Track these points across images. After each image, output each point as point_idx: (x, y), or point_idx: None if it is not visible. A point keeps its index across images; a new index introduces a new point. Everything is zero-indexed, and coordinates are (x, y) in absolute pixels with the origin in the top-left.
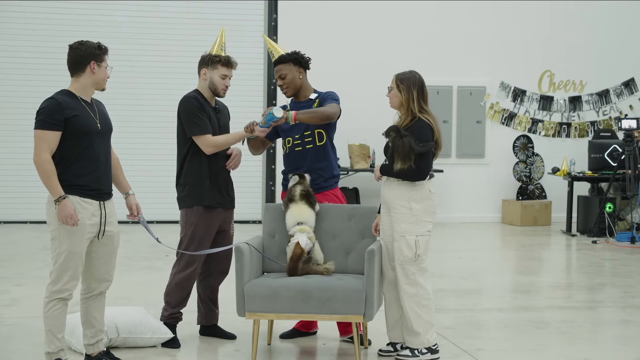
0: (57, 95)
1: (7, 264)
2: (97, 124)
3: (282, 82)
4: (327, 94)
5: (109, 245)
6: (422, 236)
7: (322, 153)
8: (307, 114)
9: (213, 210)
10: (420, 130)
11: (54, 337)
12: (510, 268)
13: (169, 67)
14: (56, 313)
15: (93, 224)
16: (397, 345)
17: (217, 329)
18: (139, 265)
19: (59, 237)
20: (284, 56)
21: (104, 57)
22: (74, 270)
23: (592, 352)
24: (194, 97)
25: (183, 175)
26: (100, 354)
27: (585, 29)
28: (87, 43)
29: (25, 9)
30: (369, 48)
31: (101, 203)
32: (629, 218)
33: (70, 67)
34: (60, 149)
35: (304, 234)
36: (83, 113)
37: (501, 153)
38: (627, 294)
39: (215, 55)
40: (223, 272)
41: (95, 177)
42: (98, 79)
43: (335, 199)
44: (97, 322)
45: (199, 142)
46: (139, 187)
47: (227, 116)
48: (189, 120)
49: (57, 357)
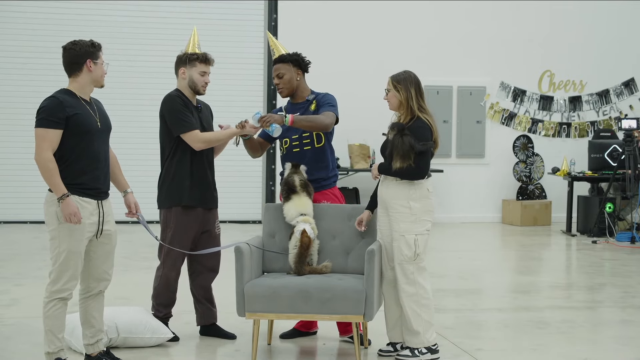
0: (58, 94)
1: (7, 264)
2: (98, 122)
3: (279, 81)
4: (325, 98)
5: (107, 244)
6: (422, 235)
7: (321, 154)
8: (304, 121)
9: (193, 210)
10: (419, 129)
11: (54, 337)
12: (510, 268)
13: (168, 67)
14: (56, 313)
15: (92, 223)
16: (397, 345)
17: (217, 329)
18: (139, 265)
19: (59, 237)
20: (284, 56)
21: (99, 54)
22: (74, 270)
23: (592, 352)
24: (177, 96)
25: (163, 175)
26: (100, 353)
27: (585, 29)
28: (80, 42)
29: (25, 9)
30: (368, 48)
31: (99, 202)
32: (629, 218)
33: (66, 67)
34: (60, 148)
35: (307, 224)
36: (84, 111)
37: (501, 153)
38: (627, 294)
39: (192, 53)
40: (212, 270)
41: (94, 176)
42: (96, 76)
43: (334, 197)
44: (97, 322)
45: (187, 138)
46: (138, 186)
47: (209, 115)
48: (175, 118)
49: (57, 356)
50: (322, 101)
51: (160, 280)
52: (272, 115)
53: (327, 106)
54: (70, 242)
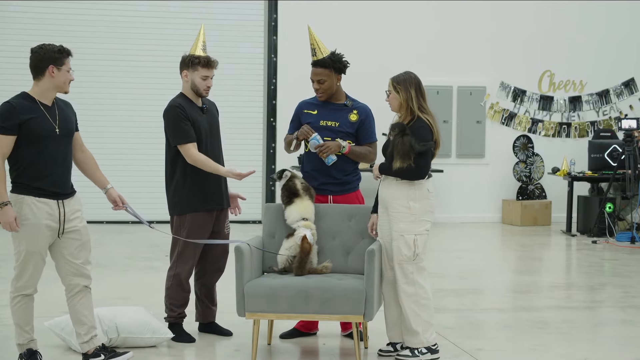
0: (14, 100)
1: (7, 264)
2: (56, 128)
3: (319, 87)
4: (367, 114)
5: (77, 239)
6: (421, 235)
7: (348, 158)
8: (357, 154)
9: (208, 212)
10: (419, 129)
11: (22, 329)
12: (510, 268)
13: (168, 67)
14: (22, 308)
15: (50, 223)
16: (397, 345)
17: (215, 326)
18: (139, 265)
19: (18, 237)
20: (327, 61)
21: (65, 60)
22: (34, 268)
23: (592, 352)
24: (178, 106)
25: (174, 181)
26: (96, 349)
27: (585, 29)
28: (46, 47)
29: (25, 9)
30: (369, 48)
31: (59, 202)
32: (629, 218)
33: (31, 70)
34: (16, 152)
35: (308, 230)
36: (40, 116)
37: (501, 153)
38: (627, 294)
39: (195, 57)
40: (218, 270)
41: (50, 180)
42: (58, 82)
43: (357, 201)
44: (88, 319)
45: (181, 150)
46: (138, 186)
47: (215, 114)
48: (171, 130)
49: (28, 347)
50: (365, 119)
51: (173, 280)
52: (330, 146)
53: (372, 134)
54: (28, 243)
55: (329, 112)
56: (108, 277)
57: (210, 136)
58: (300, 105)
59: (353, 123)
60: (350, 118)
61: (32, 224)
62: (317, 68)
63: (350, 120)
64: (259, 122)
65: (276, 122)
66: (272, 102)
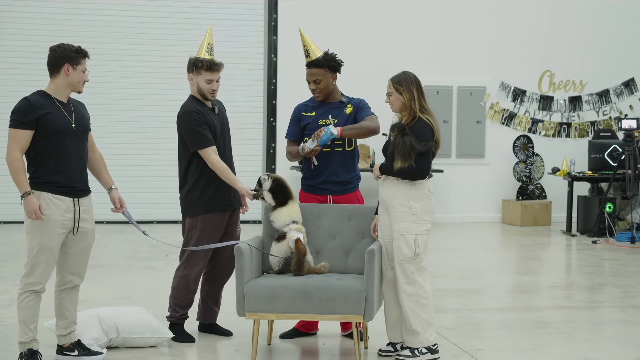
0: (31, 96)
1: (7, 264)
2: (72, 123)
3: (316, 87)
4: (361, 102)
5: (82, 241)
6: (422, 235)
7: (349, 157)
8: (353, 129)
9: (220, 213)
10: (420, 129)
11: (27, 327)
12: (510, 268)
13: (168, 67)
14: (29, 305)
15: (65, 220)
16: (397, 345)
17: (215, 326)
18: (139, 265)
19: (32, 232)
20: (321, 61)
21: (81, 60)
22: (46, 264)
23: (592, 352)
24: (195, 111)
25: (187, 184)
26: (72, 344)
27: (585, 29)
28: (64, 46)
29: (25, 9)
30: (369, 48)
31: (75, 200)
32: (629, 218)
33: (48, 67)
34: (33, 147)
35: (301, 234)
36: (56, 112)
37: (501, 153)
38: (627, 294)
39: (199, 60)
40: (228, 272)
41: (67, 175)
42: (72, 81)
43: (357, 201)
44: (70, 314)
45: (202, 154)
46: (140, 187)
47: (224, 113)
48: (190, 135)
49: (29, 346)
50: (359, 105)
51: (180, 281)
52: (321, 129)
53: (367, 110)
54: (41, 238)
55: (327, 111)
56: (108, 277)
57: (222, 135)
58: (298, 108)
59: (349, 115)
60: (346, 112)
61: (48, 219)
62: (312, 68)
63: (346, 113)
64: (259, 122)
65: (276, 122)
66: (272, 102)
